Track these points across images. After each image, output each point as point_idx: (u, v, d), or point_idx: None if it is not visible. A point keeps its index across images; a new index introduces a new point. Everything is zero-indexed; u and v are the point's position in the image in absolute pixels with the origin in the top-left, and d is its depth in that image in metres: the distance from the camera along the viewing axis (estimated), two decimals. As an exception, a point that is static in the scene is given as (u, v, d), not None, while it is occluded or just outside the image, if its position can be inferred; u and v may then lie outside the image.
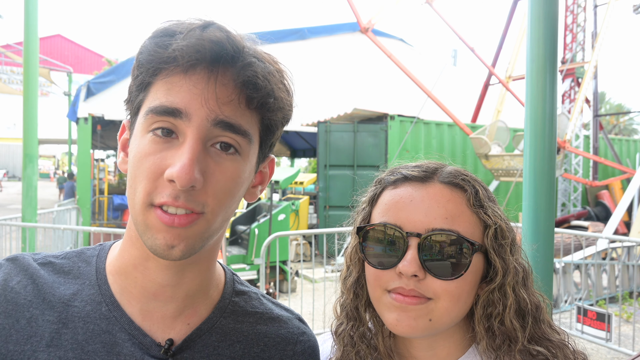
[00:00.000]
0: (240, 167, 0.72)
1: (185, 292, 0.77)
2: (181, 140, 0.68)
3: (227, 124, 0.68)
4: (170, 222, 0.66)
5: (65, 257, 0.81)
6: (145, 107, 0.69)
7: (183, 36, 0.66)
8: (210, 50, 0.66)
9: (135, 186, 0.68)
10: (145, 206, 0.67)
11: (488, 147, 10.25)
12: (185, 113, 0.67)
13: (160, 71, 0.68)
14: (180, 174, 0.64)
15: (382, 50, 9.89)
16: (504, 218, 0.83)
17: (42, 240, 7.00)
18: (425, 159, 0.90)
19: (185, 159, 0.65)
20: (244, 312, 0.85)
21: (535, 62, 2.94)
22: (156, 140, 0.68)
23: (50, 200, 22.15)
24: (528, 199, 2.95)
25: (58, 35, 36.62)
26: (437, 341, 0.85)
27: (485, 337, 0.81)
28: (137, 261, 0.75)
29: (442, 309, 0.77)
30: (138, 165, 0.68)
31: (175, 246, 0.67)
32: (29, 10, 6.17)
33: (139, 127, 0.71)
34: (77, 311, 0.74)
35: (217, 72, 0.68)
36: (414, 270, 0.76)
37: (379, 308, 0.83)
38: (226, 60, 0.67)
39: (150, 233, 0.67)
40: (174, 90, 0.67)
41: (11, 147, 48.53)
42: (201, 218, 0.68)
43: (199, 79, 0.67)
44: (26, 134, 6.21)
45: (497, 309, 0.80)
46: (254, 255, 7.30)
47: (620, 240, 6.80)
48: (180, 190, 0.65)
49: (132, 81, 0.73)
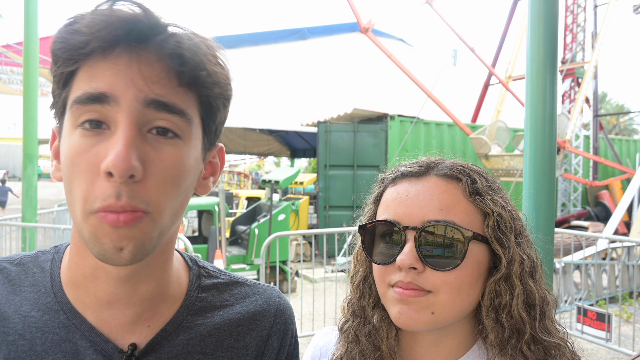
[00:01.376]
0: (183, 153, 0.66)
1: (141, 297, 0.72)
2: (113, 129, 0.62)
3: (160, 103, 0.63)
4: (115, 221, 0.60)
5: (20, 262, 0.77)
6: (70, 101, 0.64)
7: (91, 17, 0.60)
8: (123, 26, 0.60)
9: (73, 191, 0.63)
10: (85, 214, 0.62)
11: (488, 147, 10.25)
12: (112, 97, 0.61)
13: (78, 60, 0.62)
14: (116, 162, 0.58)
15: (382, 50, 9.90)
16: (508, 207, 0.82)
17: (42, 240, 6.99)
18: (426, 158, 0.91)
19: (120, 145, 0.59)
20: (213, 306, 0.81)
21: (535, 62, 2.94)
22: (86, 134, 0.62)
23: (50, 200, 22.15)
24: (528, 199, 2.95)
25: (58, 35, 36.58)
26: (442, 337, 0.84)
27: (493, 329, 0.80)
28: (86, 271, 0.70)
29: (444, 301, 0.77)
30: (71, 167, 0.62)
31: (123, 248, 0.62)
32: (29, 10, 6.17)
33: (66, 125, 0.65)
34: (34, 321, 0.70)
35: (138, 48, 0.62)
36: (411, 262, 0.76)
37: (386, 303, 0.83)
38: (144, 34, 0.61)
39: (96, 239, 0.62)
40: (95, 76, 0.62)
41: (11, 147, 48.55)
42: (146, 217, 0.63)
43: (118, 58, 0.61)
44: (26, 134, 6.21)
45: (504, 300, 0.79)
46: (254, 255, 7.31)
47: (620, 240, 6.80)
48: (121, 185, 0.59)
49: (53, 82, 0.66)
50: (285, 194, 12.14)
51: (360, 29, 9.78)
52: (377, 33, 11.10)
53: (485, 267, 0.81)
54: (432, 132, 11.62)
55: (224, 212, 7.05)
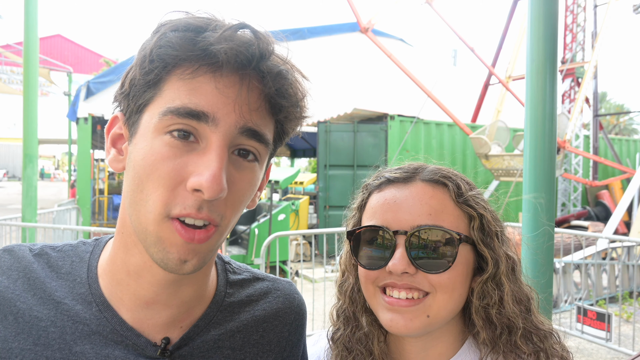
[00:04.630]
0: (257, 175, 0.70)
1: (181, 300, 0.74)
2: (203, 146, 0.63)
3: (253, 132, 0.65)
4: (190, 238, 0.62)
5: (61, 249, 0.78)
6: (160, 106, 0.63)
7: (218, 35, 0.61)
8: (244, 53, 0.61)
9: (147, 193, 0.63)
10: (161, 217, 0.62)
11: (488, 147, 10.24)
12: (212, 117, 0.62)
13: (178, 68, 0.63)
14: (211, 184, 0.59)
15: (382, 50, 9.89)
16: (489, 209, 0.85)
17: (42, 240, 6.99)
18: (425, 160, 0.93)
19: (215, 167, 0.61)
20: (240, 302, 0.83)
21: (535, 62, 2.94)
22: (174, 144, 0.62)
23: (50, 200, 22.15)
24: (528, 198, 2.95)
25: (58, 35, 36.61)
26: (430, 341, 0.86)
27: (484, 328, 0.82)
28: (132, 269, 0.70)
29: (439, 302, 0.79)
30: (151, 170, 0.62)
31: (188, 261, 0.63)
32: (29, 10, 6.17)
33: (148, 126, 0.65)
34: (66, 309, 0.70)
35: (249, 77, 0.63)
36: (403, 267, 0.78)
37: (375, 308, 0.84)
38: (257, 64, 0.63)
39: (163, 246, 0.63)
40: (198, 92, 0.62)
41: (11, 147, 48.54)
42: (217, 231, 0.65)
43: (229, 83, 0.63)
44: (26, 134, 6.21)
45: (493, 299, 0.82)
46: (254, 255, 7.31)
47: (620, 240, 6.80)
48: (205, 201, 0.61)
49: (137, 75, 0.65)
50: (285, 193, 12.15)
51: (360, 29, 9.77)
52: (377, 33, 11.09)
53: (472, 268, 0.84)
54: (432, 132, 11.61)
55: (224, 212, 7.04)
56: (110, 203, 14.15)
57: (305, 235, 10.04)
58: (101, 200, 14.00)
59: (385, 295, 0.81)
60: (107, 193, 14.44)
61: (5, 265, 0.72)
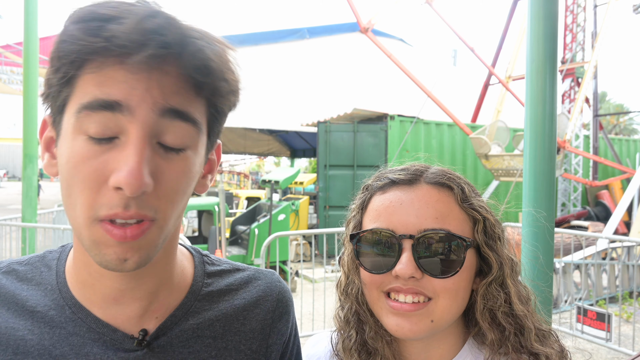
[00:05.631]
0: (191, 162, 0.65)
1: (146, 292, 0.73)
2: (123, 140, 0.59)
3: (176, 112, 0.61)
4: (122, 237, 0.59)
5: (28, 262, 0.77)
6: (75, 104, 0.60)
7: (123, 25, 0.56)
8: (154, 39, 0.57)
9: (74, 197, 0.60)
10: (90, 221, 0.60)
11: (488, 147, 10.24)
12: (125, 106, 0.58)
13: (89, 62, 0.59)
14: (129, 179, 0.56)
15: (382, 50, 9.89)
16: (490, 212, 0.85)
17: (42, 240, 6.99)
18: (425, 160, 0.92)
19: (133, 161, 0.57)
20: (219, 291, 0.83)
21: (535, 62, 2.94)
22: (92, 141, 0.59)
23: (50, 200, 22.14)
24: (528, 198, 2.95)
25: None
26: (432, 343, 0.85)
27: (490, 330, 0.82)
28: (91, 269, 0.69)
29: (443, 307, 0.78)
30: (74, 173, 0.60)
31: (128, 259, 0.61)
32: (29, 10, 6.17)
33: (68, 127, 0.61)
34: (41, 316, 0.70)
35: (160, 59, 0.59)
36: (411, 272, 0.77)
37: (377, 311, 0.83)
38: (168, 44, 0.58)
39: (98, 249, 0.61)
40: (108, 82, 0.58)
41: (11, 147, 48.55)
42: (153, 225, 0.62)
43: (139, 68, 0.58)
44: (26, 134, 6.21)
45: (498, 301, 0.81)
46: (253, 255, 7.31)
47: (620, 240, 6.80)
48: (130, 198, 0.58)
49: (51, 73, 0.62)
50: (285, 194, 12.14)
51: (360, 29, 9.78)
52: (377, 33, 11.10)
53: (474, 271, 0.83)
54: (432, 132, 11.61)
55: (224, 212, 7.05)
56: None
57: (305, 236, 10.03)
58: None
59: (389, 300, 0.80)
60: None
61: None
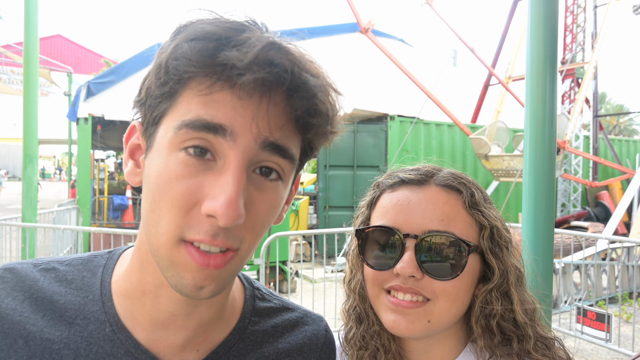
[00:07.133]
0: (281, 194, 0.64)
1: (198, 322, 0.70)
2: (220, 164, 0.58)
3: (276, 147, 0.59)
4: (205, 264, 0.58)
5: (70, 263, 0.74)
6: (175, 119, 0.59)
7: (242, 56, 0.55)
8: (270, 71, 0.55)
9: (159, 213, 0.59)
10: (174, 241, 0.58)
11: (488, 148, 10.25)
12: (230, 131, 0.56)
13: (194, 81, 0.58)
14: (226, 210, 0.55)
15: (382, 51, 9.89)
16: (500, 219, 0.84)
17: (42, 240, 7.00)
18: (425, 161, 0.92)
19: (230, 191, 0.55)
20: (264, 332, 0.79)
21: (535, 63, 2.94)
22: (189, 162, 0.58)
23: (50, 200, 22.15)
24: (528, 199, 2.95)
25: (58, 36, 36.59)
26: (433, 344, 0.86)
27: (482, 336, 0.82)
28: (147, 287, 0.67)
29: (440, 309, 0.79)
30: (164, 189, 0.58)
31: (204, 287, 0.59)
32: (29, 10, 6.17)
33: (163, 141, 0.60)
34: (79, 330, 0.67)
35: (271, 89, 0.57)
36: (412, 271, 0.77)
37: (377, 307, 0.84)
38: (285, 81, 0.57)
39: (176, 271, 0.59)
40: (215, 104, 0.57)
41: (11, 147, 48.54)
42: (236, 256, 0.61)
43: (248, 94, 0.57)
44: (26, 134, 6.21)
45: (495, 308, 0.81)
46: (253, 255, 7.30)
47: (620, 240, 6.80)
48: (220, 228, 0.56)
49: (153, 84, 0.60)
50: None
51: (360, 29, 9.78)
52: (377, 33, 11.09)
53: (477, 276, 0.83)
54: (432, 133, 11.62)
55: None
56: (110, 203, 14.15)
57: (305, 236, 10.03)
58: (101, 200, 14.00)
59: (389, 296, 0.80)
60: (107, 193, 14.45)
61: (9, 286, 0.68)
